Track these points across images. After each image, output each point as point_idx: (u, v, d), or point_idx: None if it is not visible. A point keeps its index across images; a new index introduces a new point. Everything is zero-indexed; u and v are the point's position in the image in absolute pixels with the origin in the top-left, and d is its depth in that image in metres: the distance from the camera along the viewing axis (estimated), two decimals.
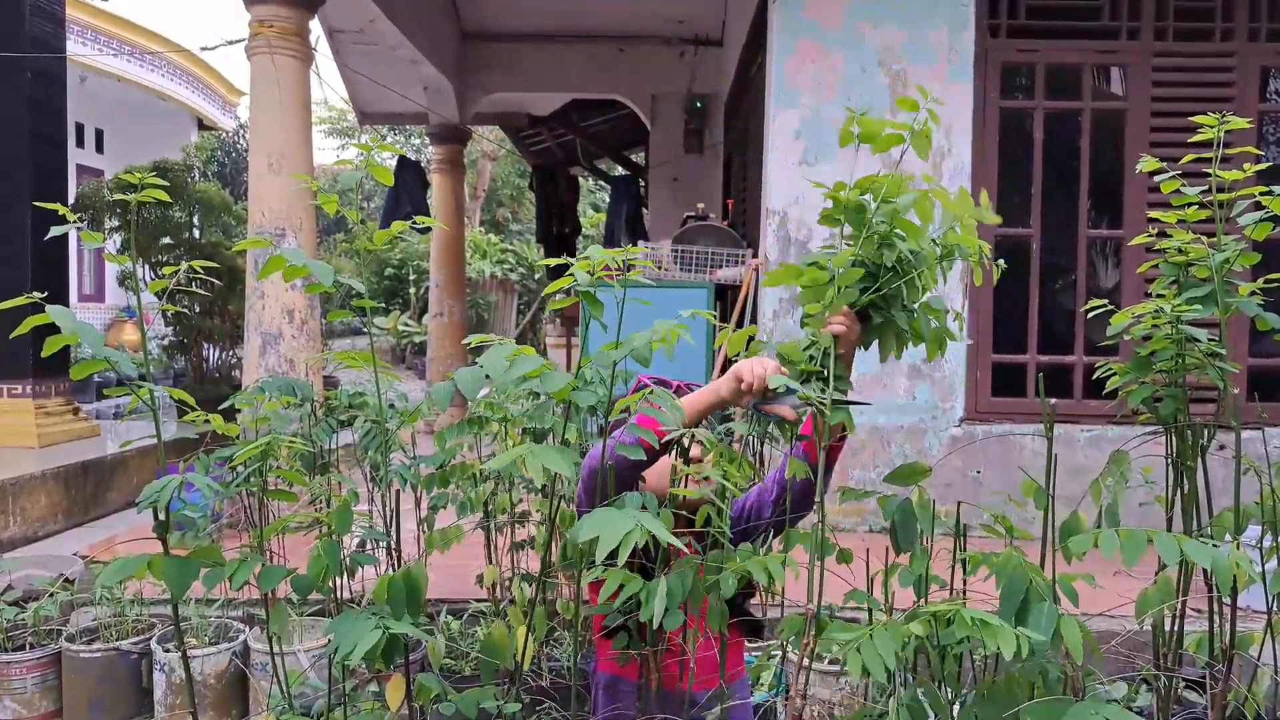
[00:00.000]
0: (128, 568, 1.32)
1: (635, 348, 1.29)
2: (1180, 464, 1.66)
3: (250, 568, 1.23)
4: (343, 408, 3.20)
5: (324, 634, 3.12)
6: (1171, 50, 4.85)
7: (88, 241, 1.29)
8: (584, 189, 18.17)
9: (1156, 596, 1.56)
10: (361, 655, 1.07)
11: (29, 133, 5.78)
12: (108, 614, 3.35)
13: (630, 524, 1.05)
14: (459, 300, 9.60)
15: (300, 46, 5.07)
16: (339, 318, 1.56)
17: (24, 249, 5.71)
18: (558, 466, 1.20)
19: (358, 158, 1.41)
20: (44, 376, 5.84)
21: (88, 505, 5.24)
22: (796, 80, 4.91)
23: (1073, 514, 1.55)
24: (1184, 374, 1.65)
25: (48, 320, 1.23)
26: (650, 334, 1.37)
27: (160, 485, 1.21)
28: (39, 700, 3.22)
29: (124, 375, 1.27)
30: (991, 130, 4.92)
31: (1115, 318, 1.79)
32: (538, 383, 1.31)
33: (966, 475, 4.75)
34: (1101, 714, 1.17)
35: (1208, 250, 1.62)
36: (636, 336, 1.37)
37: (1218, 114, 1.64)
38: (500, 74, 9.26)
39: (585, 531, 1.07)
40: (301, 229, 4.98)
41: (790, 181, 4.86)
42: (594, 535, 1.06)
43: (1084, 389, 4.87)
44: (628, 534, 1.05)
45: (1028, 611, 1.35)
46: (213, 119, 14.76)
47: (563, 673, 3.17)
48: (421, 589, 1.35)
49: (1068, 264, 5.08)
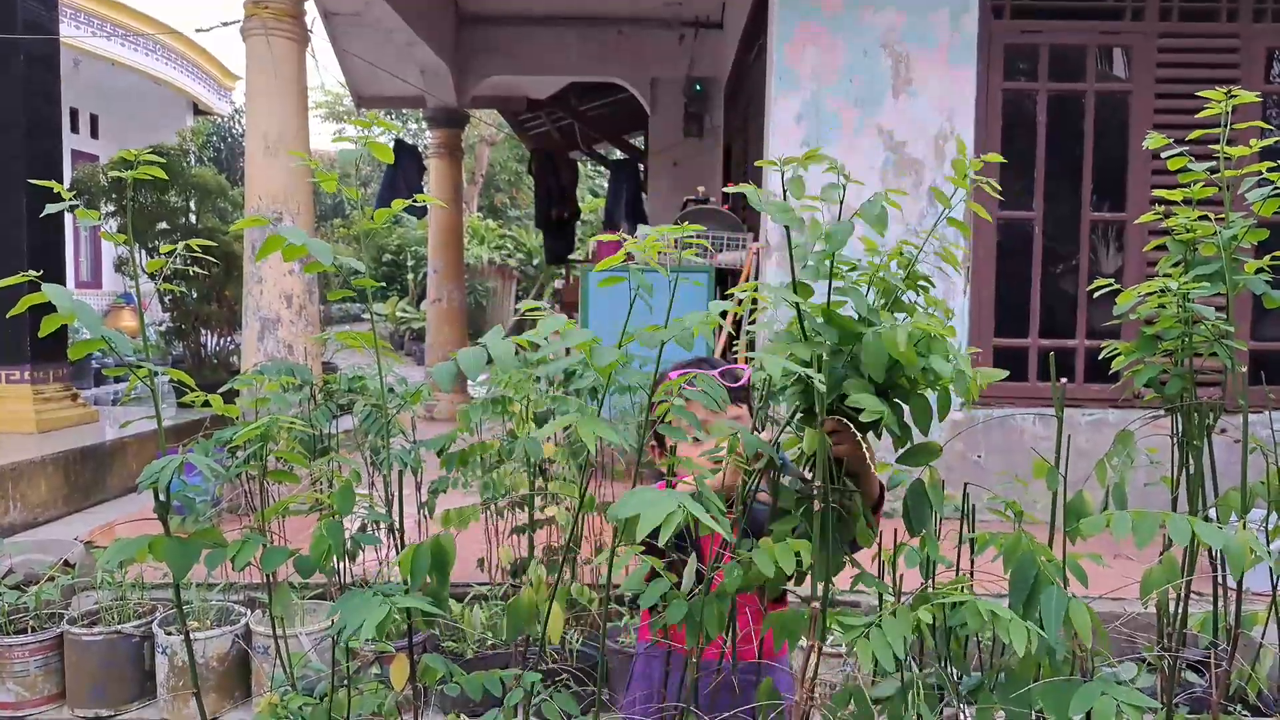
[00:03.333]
0: (128, 549, 1.30)
1: (683, 331, 1.25)
2: (1186, 444, 1.65)
3: (253, 549, 1.22)
4: (342, 392, 3.19)
5: (328, 615, 3.12)
6: (1176, 31, 4.82)
7: (83, 219, 1.27)
8: (583, 174, 18.10)
9: (1161, 577, 1.56)
10: (370, 631, 1.06)
11: (22, 117, 5.74)
12: (109, 598, 3.35)
13: (673, 504, 1.02)
14: (458, 286, 9.57)
15: (296, 28, 5.03)
16: (339, 297, 1.54)
17: (19, 235, 5.67)
18: (610, 436, 1.18)
19: (357, 134, 1.40)
20: (42, 362, 5.82)
21: (87, 491, 5.23)
22: (797, 64, 4.88)
23: (1078, 495, 1.54)
24: (1190, 353, 1.64)
25: (44, 300, 1.21)
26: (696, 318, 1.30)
27: (160, 465, 1.20)
28: (42, 683, 3.23)
29: (121, 355, 1.26)
30: (994, 113, 4.90)
31: (1121, 297, 1.77)
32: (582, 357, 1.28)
33: (967, 459, 4.75)
34: (1111, 694, 1.16)
35: (1215, 227, 1.60)
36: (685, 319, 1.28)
37: (1225, 89, 1.62)
38: (498, 57, 9.19)
39: (625, 509, 1.04)
40: (299, 213, 4.95)
41: (791, 165, 4.83)
42: (634, 513, 1.03)
43: (1085, 373, 4.87)
44: (670, 514, 1.01)
45: (1037, 597, 1.35)
46: (208, 103, 14.68)
47: (578, 653, 3.18)
48: (451, 558, 1.34)
49: (1070, 248, 5.07)
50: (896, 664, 1.20)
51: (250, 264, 4.99)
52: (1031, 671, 1.40)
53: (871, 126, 4.83)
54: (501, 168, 22.71)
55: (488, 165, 22.12)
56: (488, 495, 2.93)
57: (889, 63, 4.86)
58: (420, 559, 1.29)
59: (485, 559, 3.41)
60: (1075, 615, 1.30)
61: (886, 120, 4.85)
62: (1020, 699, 1.33)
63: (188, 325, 7.79)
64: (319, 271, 1.57)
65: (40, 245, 5.74)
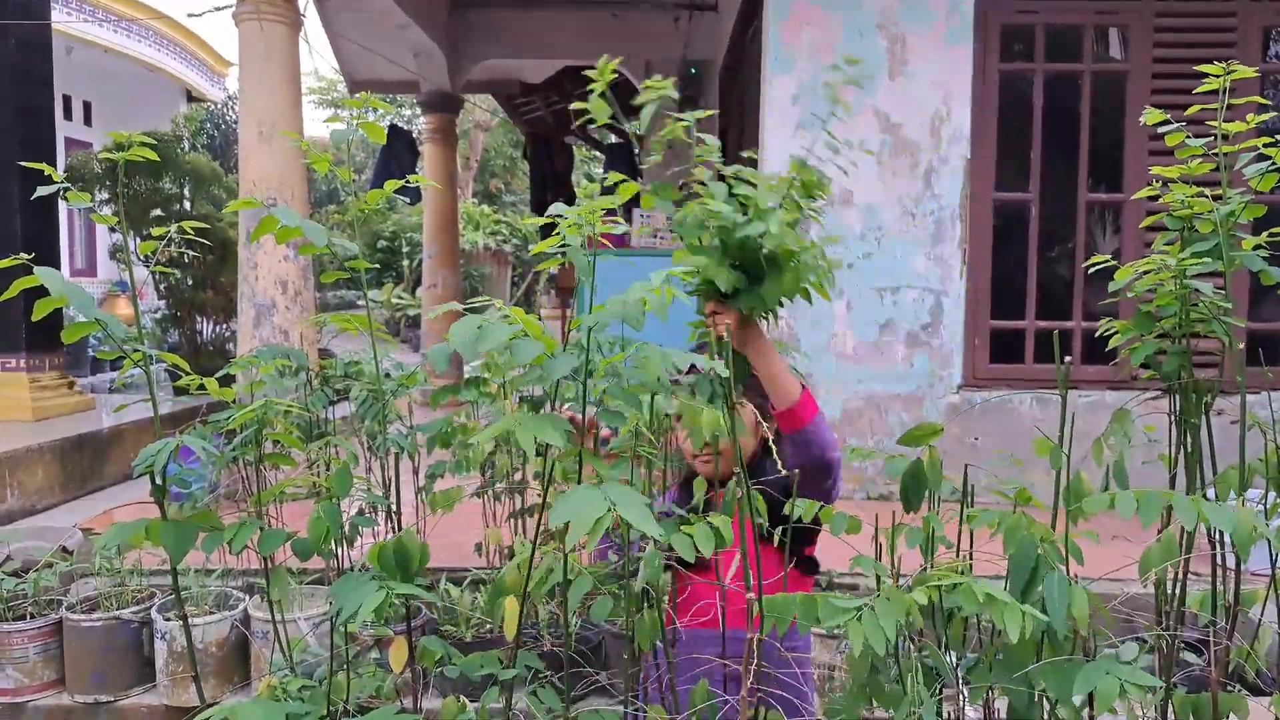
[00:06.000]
0: (126, 533, 1.30)
1: (625, 308, 1.22)
2: (1184, 422, 1.65)
3: (250, 531, 1.22)
4: (338, 377, 3.19)
5: (326, 598, 3.13)
6: (1172, 10, 4.79)
7: (75, 202, 1.26)
8: (578, 158, 18.03)
9: (1160, 555, 1.55)
10: (367, 615, 1.06)
11: (15, 103, 5.69)
12: (107, 584, 3.35)
13: (602, 507, 1.00)
14: (453, 272, 9.55)
15: (289, 12, 4.99)
16: (333, 279, 1.53)
17: (13, 222, 5.64)
18: (549, 438, 1.14)
19: (351, 115, 1.38)
20: (38, 350, 5.80)
21: (84, 478, 5.23)
22: (793, 45, 4.85)
23: (1077, 475, 1.54)
24: (1188, 330, 1.63)
25: (37, 284, 1.20)
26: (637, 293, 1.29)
27: (156, 448, 1.19)
28: (41, 669, 3.23)
29: (116, 340, 1.25)
30: (990, 94, 4.88)
31: (1118, 274, 1.76)
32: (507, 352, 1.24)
33: (964, 442, 4.76)
34: (1115, 674, 1.16)
35: (1212, 204, 1.60)
36: (617, 300, 1.28)
37: (1223, 64, 1.61)
38: (492, 41, 9.13)
39: (558, 515, 1.03)
40: (293, 198, 4.93)
41: (787, 147, 4.82)
42: (565, 519, 1.01)
43: (1082, 354, 4.87)
44: (599, 520, 0.99)
45: (1036, 582, 1.34)
46: (201, 90, 14.60)
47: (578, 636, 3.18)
48: (413, 557, 1.33)
49: (1067, 229, 5.06)
50: (887, 647, 1.20)
51: (245, 250, 4.97)
52: (1030, 651, 1.40)
53: (868, 108, 4.81)
54: (496, 153, 22.62)
55: (482, 150, 22.03)
56: (461, 474, 2.93)
57: (885, 44, 4.83)
58: (386, 559, 1.28)
59: (483, 544, 3.42)
60: (1075, 601, 1.30)
61: (883, 102, 4.82)
62: (1021, 679, 1.33)
63: (183, 313, 7.78)
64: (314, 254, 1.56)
65: (34, 233, 5.71)
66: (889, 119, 4.83)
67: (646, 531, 1.02)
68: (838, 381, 4.88)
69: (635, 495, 1.02)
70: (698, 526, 1.32)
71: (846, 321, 4.90)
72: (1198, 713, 1.55)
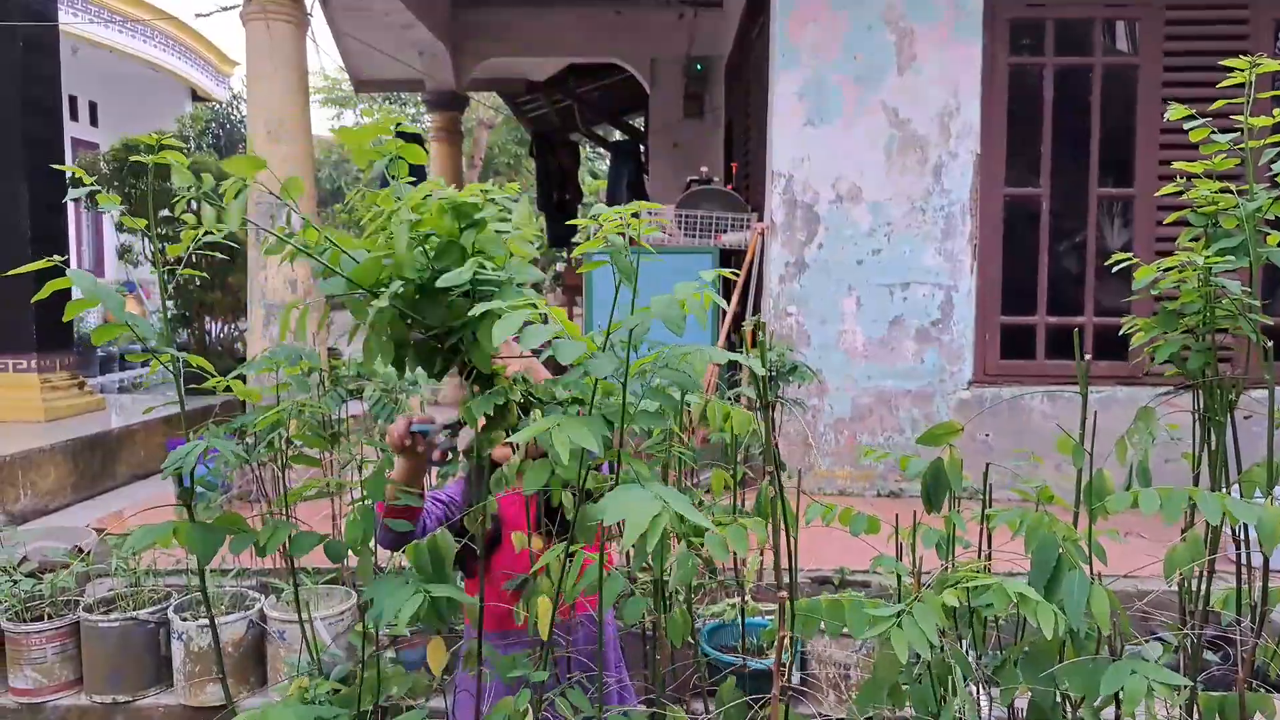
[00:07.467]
0: (152, 535, 1.30)
1: (663, 310, 1.22)
2: (1208, 420, 1.64)
3: (283, 534, 1.22)
4: (350, 377, 3.19)
5: (364, 597, 3.11)
6: (1183, 3, 4.77)
7: (104, 205, 1.26)
8: (583, 156, 18.02)
9: (1185, 555, 1.55)
10: (405, 619, 1.06)
11: (22, 103, 5.70)
12: (124, 585, 3.36)
13: (656, 506, 0.99)
14: None
15: (295, 11, 4.99)
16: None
17: (23, 223, 5.65)
18: (585, 442, 1.14)
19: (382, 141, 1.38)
20: (49, 351, 5.82)
21: (95, 478, 5.24)
22: (799, 40, 4.84)
23: (1098, 473, 1.54)
24: (1213, 328, 1.63)
25: (68, 284, 1.21)
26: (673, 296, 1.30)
27: (184, 451, 1.19)
28: (59, 669, 3.24)
29: (144, 341, 1.25)
30: (1000, 88, 4.86)
31: (1139, 272, 1.76)
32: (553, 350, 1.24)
33: (975, 439, 4.75)
34: (1141, 672, 1.16)
35: (1238, 200, 1.59)
36: (660, 300, 1.29)
37: (1250, 57, 1.60)
38: (496, 39, 9.12)
39: (611, 515, 1.02)
40: (302, 197, 4.93)
41: (795, 144, 4.81)
42: (618, 518, 1.00)
43: (1094, 350, 4.86)
44: (655, 518, 0.99)
45: (1059, 581, 1.34)
46: (206, 90, 14.60)
47: None
48: (446, 558, 1.34)
49: (1077, 223, 5.04)
50: (930, 648, 1.20)
51: (255, 250, 4.97)
52: (1055, 650, 1.40)
53: (875, 103, 4.80)
54: (501, 150, 22.59)
55: (486, 148, 22.00)
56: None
57: (892, 38, 4.81)
58: (420, 556, 1.28)
59: None
60: (1095, 601, 1.30)
61: (890, 97, 4.81)
62: (1047, 679, 1.33)
63: (192, 313, 7.79)
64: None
65: (43, 233, 5.72)
66: (897, 114, 4.81)
67: (700, 525, 1.03)
68: (848, 378, 4.88)
69: (678, 493, 1.03)
70: None
71: (856, 318, 4.89)
72: (1224, 712, 1.55)
